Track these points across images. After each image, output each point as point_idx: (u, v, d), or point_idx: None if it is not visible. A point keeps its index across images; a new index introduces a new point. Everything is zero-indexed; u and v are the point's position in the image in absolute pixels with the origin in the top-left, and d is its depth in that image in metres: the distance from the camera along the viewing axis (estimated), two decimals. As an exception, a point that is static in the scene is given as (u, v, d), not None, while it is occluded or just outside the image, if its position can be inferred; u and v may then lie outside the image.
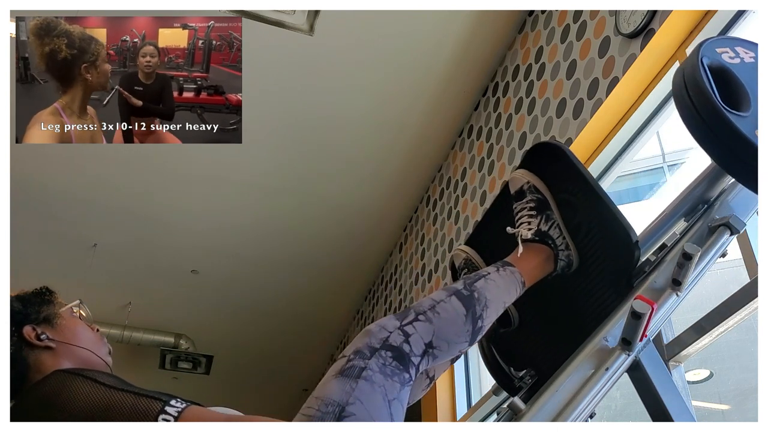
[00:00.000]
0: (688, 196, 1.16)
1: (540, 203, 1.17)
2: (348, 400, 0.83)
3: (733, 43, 1.10)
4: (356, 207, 4.14)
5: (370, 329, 0.92)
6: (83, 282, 4.52)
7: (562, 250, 1.14)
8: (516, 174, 1.23)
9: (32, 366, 0.99)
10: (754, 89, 1.02)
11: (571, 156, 1.16)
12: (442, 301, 0.99)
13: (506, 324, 1.27)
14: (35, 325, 1.03)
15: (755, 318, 1.47)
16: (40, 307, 1.06)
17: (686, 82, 1.01)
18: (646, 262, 1.09)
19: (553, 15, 2.68)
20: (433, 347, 0.94)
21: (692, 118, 0.99)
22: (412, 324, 0.93)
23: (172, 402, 0.80)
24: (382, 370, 0.88)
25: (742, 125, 0.95)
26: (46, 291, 1.12)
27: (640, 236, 1.11)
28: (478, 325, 0.99)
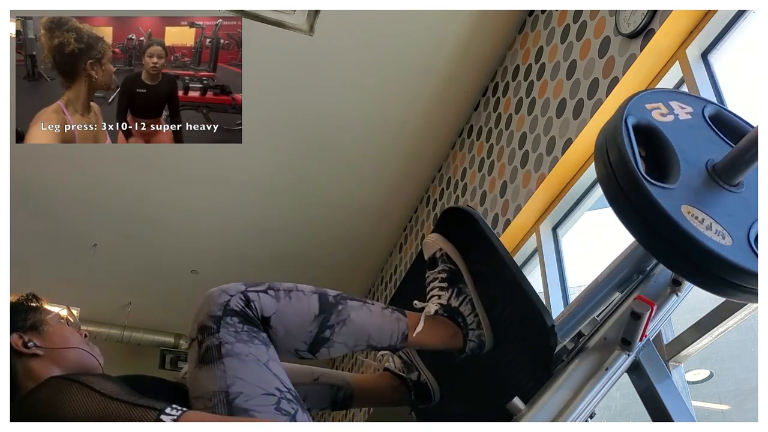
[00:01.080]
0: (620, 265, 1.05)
1: (452, 274, 1.09)
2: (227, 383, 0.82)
3: (668, 97, 0.97)
4: (356, 207, 4.14)
5: (210, 293, 0.89)
6: (83, 282, 4.53)
7: (472, 330, 1.05)
8: (429, 239, 1.14)
9: (21, 374, 0.97)
10: (687, 153, 0.89)
11: (483, 226, 1.07)
12: (302, 291, 0.95)
13: (426, 399, 1.18)
14: (21, 333, 1.02)
15: (755, 318, 1.47)
16: (26, 315, 1.05)
17: (607, 144, 0.88)
18: (563, 350, 0.99)
19: (553, 15, 2.68)
20: (270, 326, 0.90)
21: (611, 186, 0.86)
22: (258, 293, 0.90)
23: (167, 410, 0.80)
24: (238, 338, 0.85)
25: (667, 200, 0.81)
26: (32, 297, 1.11)
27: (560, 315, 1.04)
28: (324, 334, 0.94)
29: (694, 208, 0.83)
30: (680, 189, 0.84)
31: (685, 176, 0.86)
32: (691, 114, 0.96)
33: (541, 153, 2.56)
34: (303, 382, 1.10)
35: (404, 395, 1.19)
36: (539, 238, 2.64)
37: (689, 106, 0.97)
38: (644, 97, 0.94)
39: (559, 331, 1.02)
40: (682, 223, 0.80)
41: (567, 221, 2.60)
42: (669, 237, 0.81)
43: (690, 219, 0.81)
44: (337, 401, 1.15)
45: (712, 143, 0.94)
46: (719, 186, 0.88)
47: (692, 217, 0.82)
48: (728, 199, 0.87)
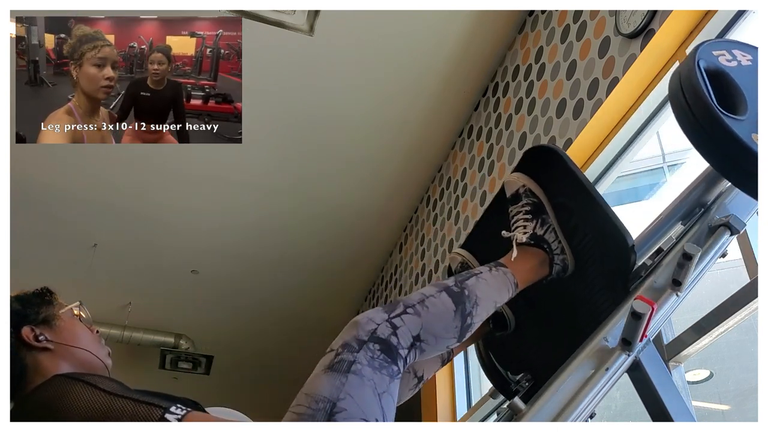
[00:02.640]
0: (685, 200, 1.15)
1: (536, 207, 1.16)
2: (339, 396, 0.82)
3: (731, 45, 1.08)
4: (356, 207, 4.14)
5: (357, 320, 0.92)
6: (83, 282, 4.53)
7: (557, 254, 1.13)
8: (512, 177, 1.22)
9: (30, 367, 0.98)
10: (751, 92, 1.00)
11: (567, 160, 1.15)
12: (432, 295, 0.98)
13: (502, 327, 1.27)
14: (34, 326, 1.02)
15: (755, 318, 1.47)
16: (39, 308, 1.06)
17: (682, 85, 0.99)
18: (642, 267, 1.08)
19: (553, 15, 2.68)
20: (421, 341, 0.93)
21: (688, 121, 0.98)
22: (401, 317, 0.93)
23: (171, 408, 0.80)
24: (370, 364, 0.87)
25: (739, 129, 0.93)
26: (46, 292, 1.11)
27: (636, 240, 1.09)
28: (467, 322, 0.99)
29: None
30: (749, 121, 0.96)
31: (751, 111, 0.97)
32: (751, 61, 1.07)
33: (541, 153, 2.55)
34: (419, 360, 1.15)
35: (484, 327, 1.25)
36: (539, 238, 2.64)
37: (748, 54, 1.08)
38: (711, 45, 1.05)
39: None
40: (753, 147, 0.92)
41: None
42: (744, 161, 0.93)
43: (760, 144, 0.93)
44: (444, 359, 1.23)
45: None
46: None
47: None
48: None
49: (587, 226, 1.12)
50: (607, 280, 1.10)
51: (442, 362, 1.23)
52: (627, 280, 1.06)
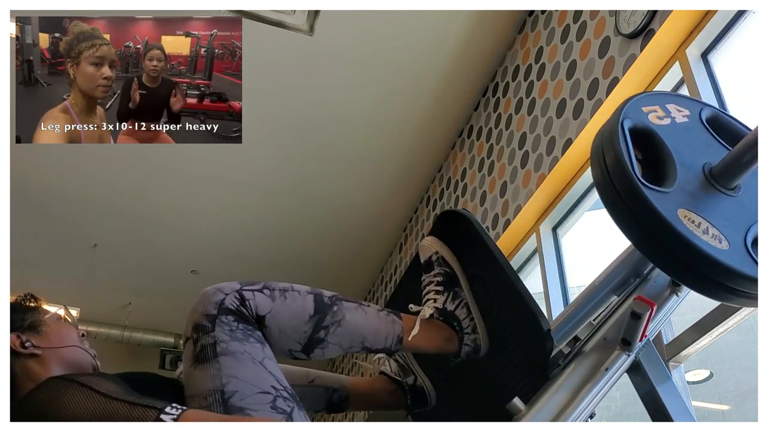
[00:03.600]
0: (617, 269, 1.04)
1: (448, 278, 1.08)
2: (222, 382, 0.82)
3: (665, 99, 0.96)
4: (356, 207, 4.14)
5: (205, 292, 0.89)
6: (83, 282, 4.53)
7: (467, 334, 1.04)
8: (425, 242, 1.13)
9: (20, 374, 0.98)
10: (684, 156, 0.88)
11: (479, 229, 1.06)
12: (298, 291, 0.95)
13: (422, 403, 1.17)
14: (20, 333, 1.02)
15: (755, 318, 1.47)
16: (24, 315, 1.05)
17: (603, 147, 0.87)
18: (560, 354, 0.98)
19: (553, 15, 2.68)
20: (265, 326, 0.90)
21: (607, 190, 0.85)
22: (253, 292, 0.90)
23: (167, 409, 0.80)
24: (233, 337, 0.85)
25: (663, 204, 0.80)
26: (30, 297, 1.10)
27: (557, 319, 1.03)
28: (318, 335, 0.93)
29: (691, 212, 0.82)
30: (677, 192, 0.84)
31: (682, 180, 0.85)
32: (688, 117, 0.95)
33: (541, 153, 2.56)
34: (298, 384, 1.10)
35: (400, 399, 1.18)
36: (539, 238, 2.64)
37: (686, 109, 0.96)
38: (641, 99, 0.93)
39: (556, 335, 1.01)
40: (678, 226, 0.79)
41: (567, 221, 2.60)
42: (665, 241, 0.80)
43: (686, 223, 0.80)
44: (332, 403, 1.15)
45: (709, 146, 0.94)
46: (716, 190, 0.87)
47: (689, 221, 0.81)
48: (725, 203, 0.86)
49: (502, 303, 1.02)
50: (525, 364, 1.01)
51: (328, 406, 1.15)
52: (546, 366, 0.96)
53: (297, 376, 1.11)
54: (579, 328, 1.05)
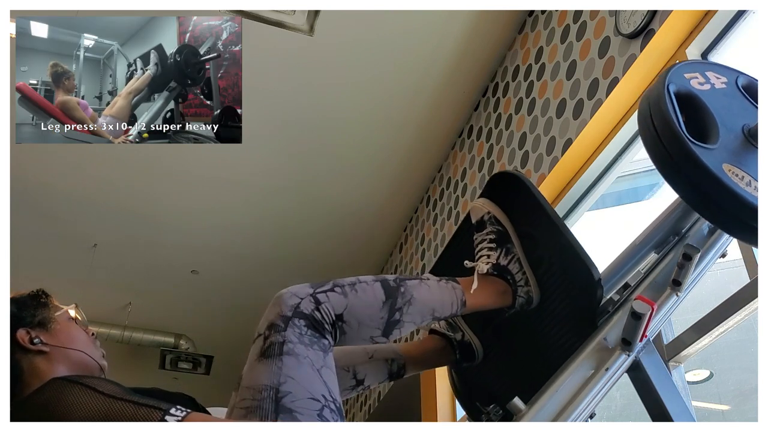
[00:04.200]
0: (658, 228, 1.10)
1: (500, 235, 1.13)
2: (279, 380, 0.83)
3: (704, 67, 1.04)
4: (356, 207, 4.14)
5: (281, 295, 0.91)
6: (83, 282, 4.53)
7: (521, 286, 1.10)
8: (476, 203, 1.18)
9: (26, 370, 0.98)
10: (725, 118, 0.95)
11: (531, 187, 1.12)
12: (365, 282, 0.98)
13: (470, 358, 1.23)
14: (29, 329, 1.02)
15: (755, 318, 1.48)
16: (35, 311, 1.05)
17: (651, 111, 0.94)
18: (609, 302, 1.03)
19: (553, 15, 2.69)
20: (343, 321, 0.92)
21: (656, 150, 0.93)
22: (326, 293, 0.93)
23: (171, 411, 0.80)
24: (301, 340, 0.87)
25: (709, 159, 0.88)
26: (41, 294, 1.11)
27: (603, 273, 1.06)
28: (394, 317, 0.97)
29: (734, 166, 0.90)
30: (720, 150, 0.91)
31: (724, 139, 0.93)
32: (726, 84, 1.03)
33: (541, 153, 2.56)
34: (360, 362, 1.16)
35: (450, 356, 1.24)
36: (539, 238, 2.64)
37: (723, 77, 1.04)
38: (683, 67, 1.01)
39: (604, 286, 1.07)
40: (724, 179, 0.87)
41: (567, 221, 2.61)
42: (713, 193, 0.88)
43: (731, 176, 0.88)
44: (392, 373, 1.20)
45: (746, 110, 1.01)
46: (754, 147, 0.95)
47: (733, 174, 0.89)
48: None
49: (553, 257, 1.08)
50: (574, 314, 1.06)
51: (390, 375, 1.20)
52: (594, 315, 1.01)
53: (357, 355, 1.16)
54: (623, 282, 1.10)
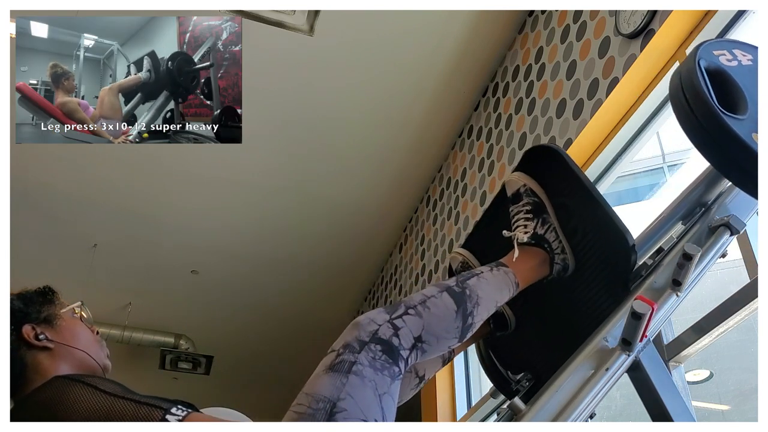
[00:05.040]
0: (685, 199, 1.15)
1: (536, 206, 1.17)
2: (339, 396, 0.83)
3: (731, 45, 1.08)
4: (356, 207, 4.14)
5: (359, 321, 0.92)
6: (83, 282, 4.52)
7: (558, 254, 1.14)
8: (512, 176, 1.22)
9: (29, 366, 0.98)
10: (752, 92, 1.00)
11: (567, 159, 1.16)
12: (433, 296, 0.98)
13: (503, 327, 1.27)
14: (35, 325, 1.02)
15: (755, 318, 1.47)
16: (41, 307, 1.06)
17: (683, 85, 0.99)
18: (643, 266, 1.08)
19: (553, 15, 2.68)
20: (422, 341, 0.93)
21: (689, 121, 0.98)
22: (402, 317, 0.93)
23: (173, 410, 0.80)
24: (371, 364, 0.87)
25: (740, 128, 0.93)
26: (48, 290, 1.11)
27: (636, 240, 1.10)
28: (468, 322, 0.99)
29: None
30: (749, 120, 0.96)
31: (752, 110, 0.97)
32: (752, 60, 1.07)
33: (541, 153, 2.55)
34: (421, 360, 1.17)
35: (484, 327, 1.25)
36: (539, 238, 2.64)
37: (749, 54, 1.08)
38: (711, 45, 1.05)
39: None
40: (754, 146, 0.92)
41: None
42: (744, 160, 0.92)
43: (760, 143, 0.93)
44: (445, 359, 1.23)
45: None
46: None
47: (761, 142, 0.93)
48: None
49: (588, 225, 1.12)
50: (608, 280, 1.10)
51: (443, 362, 1.24)
52: (628, 280, 1.06)
53: None
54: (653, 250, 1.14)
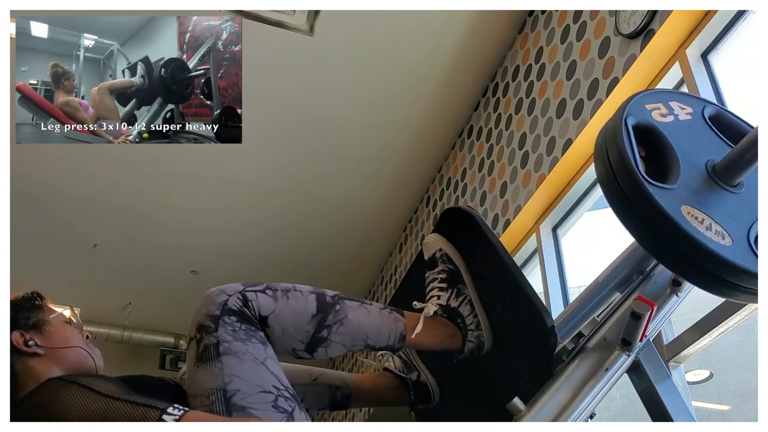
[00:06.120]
0: (620, 266, 1.05)
1: (452, 275, 1.08)
2: (224, 381, 0.82)
3: (668, 97, 0.97)
4: (356, 207, 4.14)
5: (209, 293, 0.90)
6: (83, 282, 4.53)
7: (471, 330, 1.04)
8: (429, 239, 1.13)
9: (21, 372, 0.97)
10: (687, 153, 0.88)
11: (483, 226, 1.07)
12: (300, 292, 0.96)
13: (426, 400, 1.18)
14: (24, 331, 1.01)
15: (755, 318, 1.47)
16: (29, 313, 1.04)
17: (607, 144, 0.87)
18: (563, 350, 0.99)
19: (553, 15, 2.68)
20: (267, 325, 0.91)
21: (610, 186, 0.86)
22: (256, 293, 0.91)
23: (169, 409, 0.80)
24: (236, 337, 0.86)
25: (665, 200, 0.81)
26: (36, 296, 1.10)
27: (560, 316, 1.03)
28: (321, 333, 0.94)
29: (694, 208, 0.83)
30: (680, 189, 0.84)
31: (685, 177, 0.85)
32: (691, 114, 0.95)
33: (541, 153, 2.56)
34: (301, 383, 1.10)
35: (403, 395, 1.18)
36: (539, 238, 2.64)
37: (689, 107, 0.96)
38: (644, 97, 0.94)
39: (559, 332, 1.02)
40: (681, 223, 0.80)
41: (567, 221, 2.60)
42: (669, 237, 0.81)
43: (690, 219, 0.81)
44: (335, 401, 1.15)
45: (712, 144, 0.94)
46: (719, 186, 0.88)
47: (692, 218, 0.81)
48: (728, 200, 0.87)
49: (506, 299, 1.03)
50: (530, 360, 1.01)
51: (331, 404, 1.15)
52: (550, 362, 0.97)
53: (300, 375, 1.12)
54: (582, 325, 1.05)
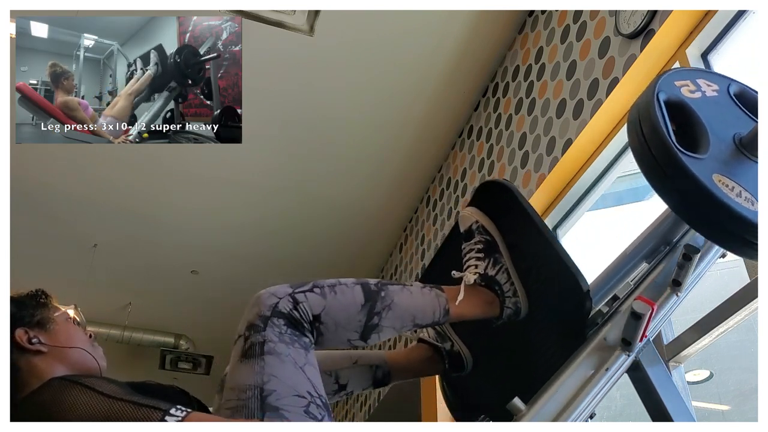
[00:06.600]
0: (648, 237, 1.08)
1: (488, 245, 1.11)
2: (263, 380, 0.83)
3: (696, 75, 1.02)
4: (356, 207, 4.14)
5: (259, 295, 0.92)
6: (83, 282, 4.53)
7: (508, 297, 1.08)
8: (465, 212, 1.17)
9: (24, 370, 0.97)
10: (715, 126, 0.93)
11: (519, 197, 1.10)
12: (346, 284, 0.98)
13: (459, 368, 1.21)
14: (28, 329, 1.01)
15: (755, 318, 1.48)
16: (34, 311, 1.05)
17: (640, 119, 0.92)
18: (598, 314, 1.02)
19: (553, 15, 2.68)
20: (321, 322, 0.93)
21: (645, 159, 0.90)
22: (305, 293, 0.93)
23: (171, 411, 0.80)
24: (281, 339, 0.88)
25: (698, 169, 0.86)
26: (41, 294, 1.10)
27: (593, 284, 1.04)
28: (372, 321, 0.97)
29: (724, 176, 0.88)
30: (710, 160, 0.89)
31: (715, 149, 0.91)
32: (717, 91, 1.01)
33: (541, 153, 2.56)
34: (344, 366, 1.15)
35: (438, 365, 1.22)
36: (539, 238, 2.64)
37: (715, 84, 1.02)
38: (673, 74, 0.99)
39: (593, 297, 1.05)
40: (714, 190, 0.85)
41: (567, 221, 2.61)
42: (702, 204, 0.86)
43: (721, 186, 0.86)
44: (377, 379, 1.19)
45: (738, 118, 1.00)
46: (746, 157, 0.93)
47: (723, 185, 0.87)
48: (754, 169, 0.92)
49: (541, 268, 1.06)
50: (563, 325, 1.05)
51: (374, 382, 1.19)
52: (584, 326, 1.00)
53: (342, 360, 1.16)
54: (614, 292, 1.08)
